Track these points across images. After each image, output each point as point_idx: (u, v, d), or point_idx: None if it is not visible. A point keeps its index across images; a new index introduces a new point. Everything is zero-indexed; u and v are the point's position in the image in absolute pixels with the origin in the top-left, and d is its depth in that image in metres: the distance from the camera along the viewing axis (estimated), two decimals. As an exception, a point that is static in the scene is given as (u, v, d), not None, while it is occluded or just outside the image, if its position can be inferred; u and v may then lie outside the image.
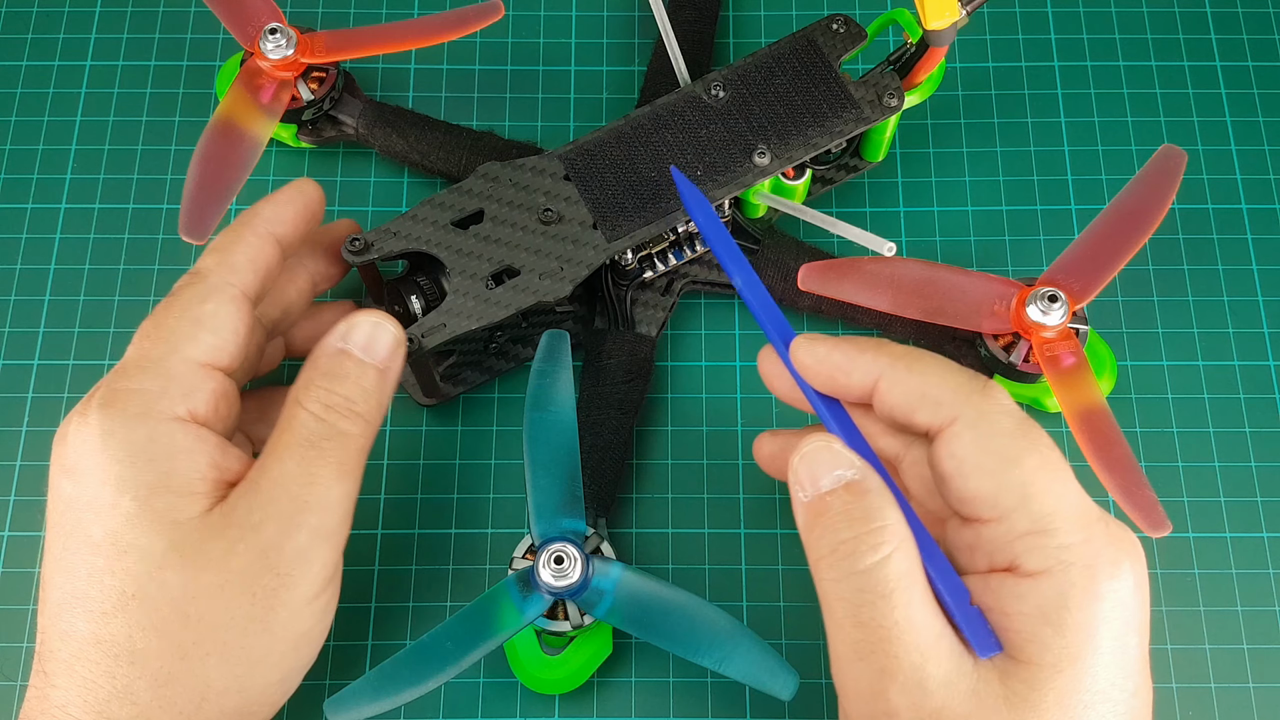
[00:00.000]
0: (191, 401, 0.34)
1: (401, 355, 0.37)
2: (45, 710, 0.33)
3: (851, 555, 0.32)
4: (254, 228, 0.38)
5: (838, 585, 0.32)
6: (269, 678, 0.34)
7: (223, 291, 0.36)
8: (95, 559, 0.33)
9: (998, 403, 0.33)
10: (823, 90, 0.43)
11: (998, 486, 0.32)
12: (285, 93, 0.45)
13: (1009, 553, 0.32)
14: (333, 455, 0.34)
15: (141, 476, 0.33)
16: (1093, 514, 0.32)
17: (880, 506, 0.32)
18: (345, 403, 0.35)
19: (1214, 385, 0.46)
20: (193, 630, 0.33)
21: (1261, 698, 0.41)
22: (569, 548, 0.37)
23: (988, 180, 0.49)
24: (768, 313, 0.36)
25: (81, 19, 0.52)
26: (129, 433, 0.33)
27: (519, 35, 0.51)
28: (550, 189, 0.42)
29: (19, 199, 0.48)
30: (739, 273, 0.36)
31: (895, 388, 0.34)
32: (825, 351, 0.34)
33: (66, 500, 0.34)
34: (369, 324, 0.37)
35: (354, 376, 0.36)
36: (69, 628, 0.33)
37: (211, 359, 0.35)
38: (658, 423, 0.45)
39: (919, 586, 0.32)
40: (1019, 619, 0.31)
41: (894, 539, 0.32)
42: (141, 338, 0.35)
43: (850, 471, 0.33)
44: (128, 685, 0.32)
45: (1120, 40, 0.52)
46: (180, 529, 0.33)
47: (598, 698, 0.41)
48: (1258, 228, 0.48)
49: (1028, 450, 0.32)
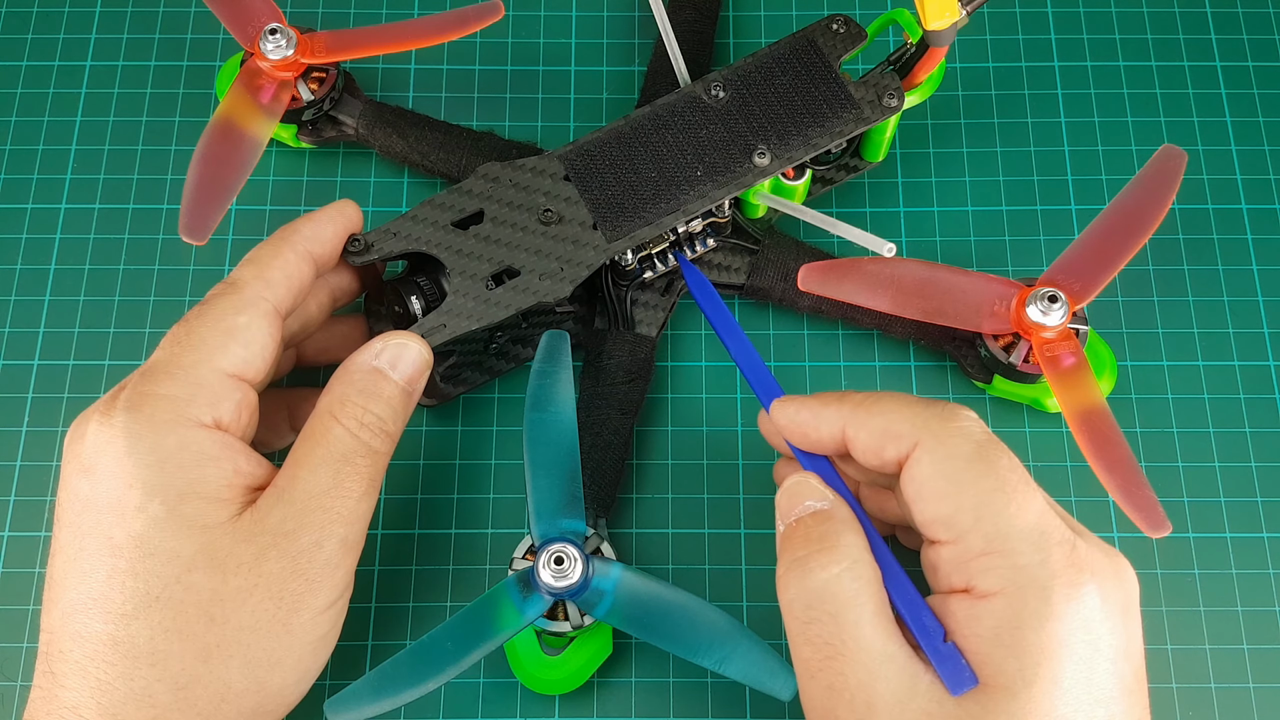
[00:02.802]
0: (218, 410, 0.35)
1: (426, 376, 0.38)
2: (53, 711, 0.33)
3: (803, 571, 0.33)
4: (293, 245, 0.38)
5: (791, 603, 0.33)
6: (287, 679, 0.35)
7: (257, 306, 0.36)
8: (116, 561, 0.33)
9: (957, 427, 0.33)
10: (823, 90, 0.43)
11: (953, 509, 0.32)
12: (285, 93, 0.45)
13: (965, 574, 0.32)
14: (365, 471, 0.36)
15: (171, 481, 0.33)
16: (1053, 535, 0.32)
17: (839, 531, 0.34)
18: (378, 422, 0.36)
19: (1214, 385, 0.46)
20: (217, 632, 0.33)
21: (1261, 698, 0.41)
22: (569, 548, 0.37)
23: (988, 180, 0.49)
24: (759, 378, 0.38)
25: (81, 19, 0.52)
26: (158, 438, 0.33)
27: (519, 35, 0.51)
28: (550, 189, 0.42)
29: (19, 199, 0.48)
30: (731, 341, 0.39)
31: (860, 431, 0.35)
32: (794, 411, 0.36)
33: (83, 500, 0.34)
34: (403, 345, 0.37)
35: (387, 396, 0.37)
36: (83, 629, 0.33)
37: (240, 371, 0.36)
38: (658, 423, 0.45)
39: (869, 608, 0.32)
40: (974, 640, 0.32)
41: (845, 559, 0.33)
42: (172, 343, 0.35)
43: (821, 503, 0.35)
44: (146, 687, 0.33)
45: (1120, 40, 0.52)
46: (209, 533, 0.33)
47: (598, 698, 0.41)
48: (1258, 228, 0.48)
49: (983, 473, 0.32)
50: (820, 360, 0.46)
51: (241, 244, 0.47)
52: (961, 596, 0.32)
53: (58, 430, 0.45)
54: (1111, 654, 0.31)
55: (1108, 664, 0.31)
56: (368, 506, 0.36)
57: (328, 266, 0.40)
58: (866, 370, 0.46)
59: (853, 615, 0.32)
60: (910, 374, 0.46)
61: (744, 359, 0.39)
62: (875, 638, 0.32)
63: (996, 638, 0.31)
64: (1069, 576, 0.31)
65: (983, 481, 0.32)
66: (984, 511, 0.32)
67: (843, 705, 0.32)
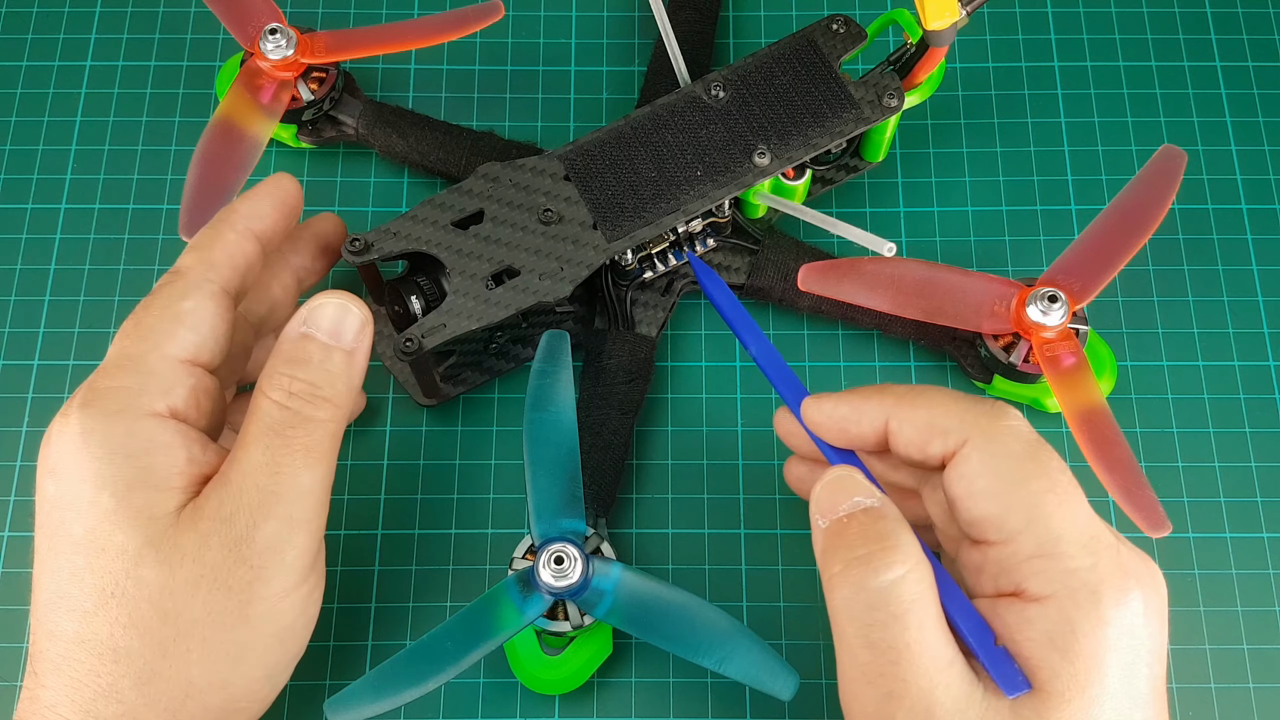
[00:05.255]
0: (171, 398, 0.34)
1: (369, 335, 0.36)
2: (35, 710, 0.33)
3: (865, 572, 0.32)
4: (232, 224, 0.37)
5: (849, 604, 0.32)
6: (253, 673, 0.34)
7: (201, 288, 0.36)
8: (76, 557, 0.33)
9: (1007, 425, 0.33)
10: (823, 90, 0.43)
11: (1004, 509, 0.32)
12: (285, 93, 0.45)
13: (1015, 576, 0.32)
14: (300, 443, 0.34)
15: (120, 473, 0.33)
16: (1103, 539, 0.32)
17: (897, 531, 0.32)
18: (309, 388, 0.34)
19: (1214, 385, 0.46)
20: (171, 626, 0.33)
21: (1261, 698, 0.41)
22: (569, 548, 0.37)
23: (988, 180, 0.49)
24: (783, 378, 0.37)
25: (81, 19, 0.52)
26: (107, 429, 0.33)
27: (519, 35, 0.51)
28: (550, 189, 0.42)
29: (19, 199, 0.48)
30: (753, 342, 0.38)
31: (905, 425, 0.34)
32: (832, 406, 0.35)
33: (50, 500, 0.34)
34: (333, 306, 0.36)
35: (318, 361, 0.35)
36: (55, 627, 0.33)
37: (191, 355, 0.35)
38: (658, 423, 0.45)
39: (932, 612, 0.32)
40: (1026, 644, 0.31)
41: (909, 560, 0.32)
42: (122, 336, 0.35)
43: (870, 499, 0.33)
44: (112, 684, 0.32)
45: (1120, 40, 0.52)
46: (156, 524, 0.33)
47: (598, 698, 0.41)
48: (1258, 228, 0.48)
49: (1035, 473, 0.32)
50: (820, 360, 0.46)
51: (241, 244, 0.47)
52: (1010, 600, 0.32)
53: (50, 432, 0.45)
54: (1150, 658, 0.31)
55: (1146, 668, 0.31)
56: (312, 480, 0.34)
57: (274, 243, 0.39)
58: (866, 370, 0.46)
59: (917, 619, 0.31)
60: (910, 374, 0.46)
61: (765, 358, 0.38)
62: (939, 643, 0.31)
63: (1050, 642, 0.31)
64: (1117, 581, 0.31)
65: (1035, 482, 0.32)
66: (1036, 513, 0.31)
67: (902, 712, 0.31)
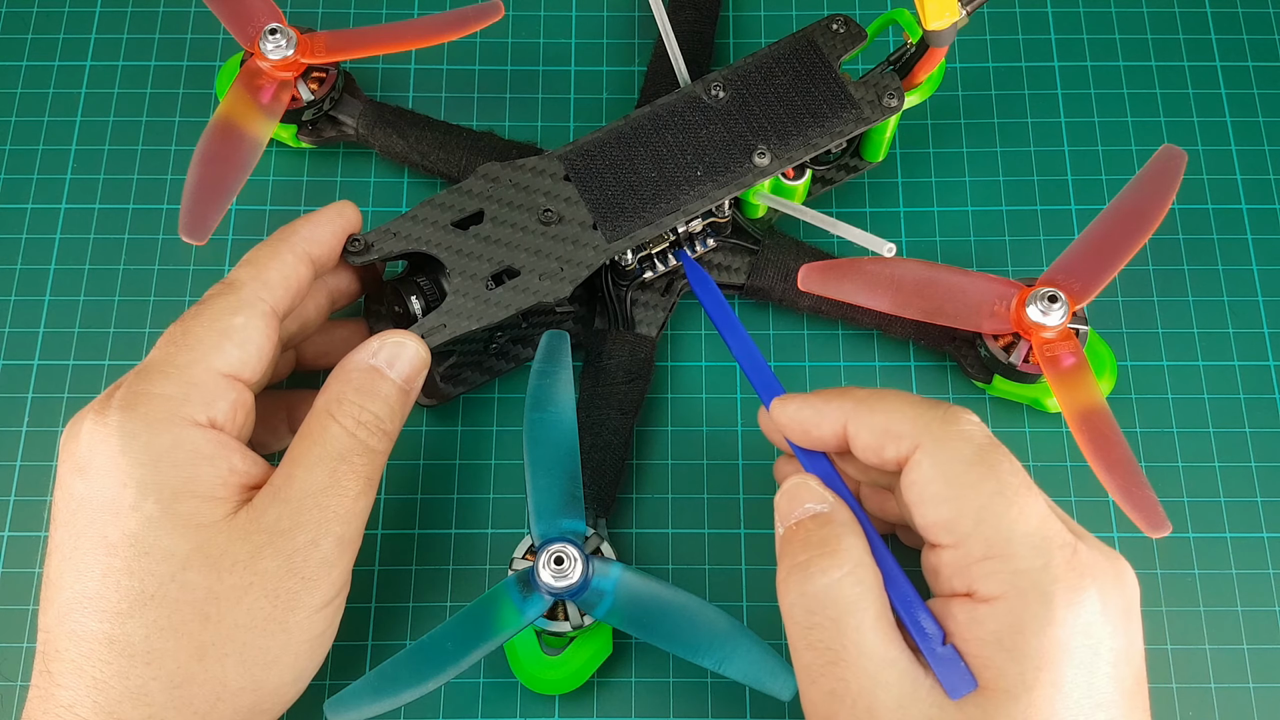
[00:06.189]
0: (213, 410, 0.35)
1: (424, 374, 0.38)
2: (50, 710, 0.33)
3: (803, 576, 0.33)
4: (292, 246, 0.38)
5: (793, 608, 0.33)
6: (283, 677, 0.35)
7: (254, 307, 0.36)
8: (111, 559, 0.33)
9: (958, 430, 0.33)
10: (823, 90, 0.43)
11: (954, 513, 0.32)
12: (285, 93, 0.45)
13: (967, 578, 0.32)
14: (361, 470, 0.35)
15: (165, 480, 0.33)
16: (1056, 540, 0.32)
17: (840, 535, 0.34)
18: (375, 420, 0.36)
19: (1214, 385, 0.46)
20: (212, 630, 0.33)
21: (1261, 698, 0.41)
22: (569, 548, 0.37)
23: (988, 180, 0.49)
24: (761, 378, 0.38)
25: (81, 19, 0.52)
26: (152, 436, 0.33)
27: (519, 35, 0.51)
28: (550, 189, 0.42)
29: (19, 199, 0.48)
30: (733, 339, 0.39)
31: (861, 430, 0.35)
32: (795, 409, 0.36)
33: (78, 499, 0.34)
34: (404, 345, 0.37)
35: (384, 395, 0.37)
36: (79, 628, 0.33)
37: (235, 371, 0.35)
38: (658, 423, 0.45)
39: (871, 613, 0.32)
40: (975, 644, 0.32)
41: (846, 563, 0.33)
42: (168, 342, 0.35)
43: (821, 505, 0.35)
44: (142, 685, 0.33)
45: (1120, 40, 0.52)
46: (204, 531, 0.33)
47: (598, 698, 0.41)
48: (1258, 228, 0.48)
49: (984, 476, 0.32)
50: (820, 360, 0.46)
51: (241, 244, 0.47)
52: (963, 600, 0.32)
53: (58, 430, 0.45)
54: (1112, 657, 0.32)
55: (1108, 667, 0.31)
56: (364, 505, 0.36)
57: (326, 268, 0.40)
58: (866, 370, 0.46)
59: (854, 620, 0.32)
60: (910, 374, 0.46)
61: (745, 356, 0.39)
62: (877, 643, 0.32)
63: (997, 642, 0.31)
64: (1070, 581, 0.31)
65: (983, 485, 0.32)
66: (985, 516, 0.32)
67: (844, 710, 0.32)
